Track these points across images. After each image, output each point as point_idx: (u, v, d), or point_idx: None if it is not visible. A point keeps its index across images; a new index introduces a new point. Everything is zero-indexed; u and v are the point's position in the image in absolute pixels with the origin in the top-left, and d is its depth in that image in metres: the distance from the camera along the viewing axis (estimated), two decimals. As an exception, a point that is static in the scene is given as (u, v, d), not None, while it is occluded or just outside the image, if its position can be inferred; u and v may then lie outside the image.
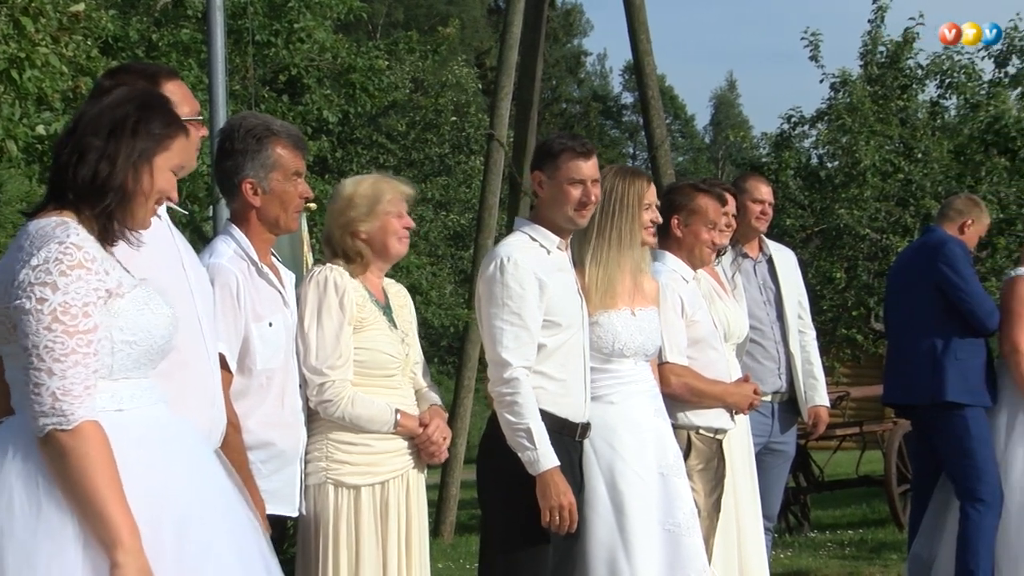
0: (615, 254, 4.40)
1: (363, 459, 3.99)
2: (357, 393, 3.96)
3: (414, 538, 4.06)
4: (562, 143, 4.26)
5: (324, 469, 3.95)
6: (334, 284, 3.99)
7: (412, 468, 4.09)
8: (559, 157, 4.22)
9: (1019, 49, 16.53)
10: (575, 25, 54.17)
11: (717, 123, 67.76)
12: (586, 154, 4.21)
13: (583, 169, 4.20)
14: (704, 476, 4.69)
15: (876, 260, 15.76)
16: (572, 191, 4.19)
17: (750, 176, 6.25)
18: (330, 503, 3.95)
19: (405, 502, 4.06)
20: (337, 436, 3.98)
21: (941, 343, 6.18)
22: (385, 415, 3.99)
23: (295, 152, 3.86)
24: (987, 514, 5.98)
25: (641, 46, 10.58)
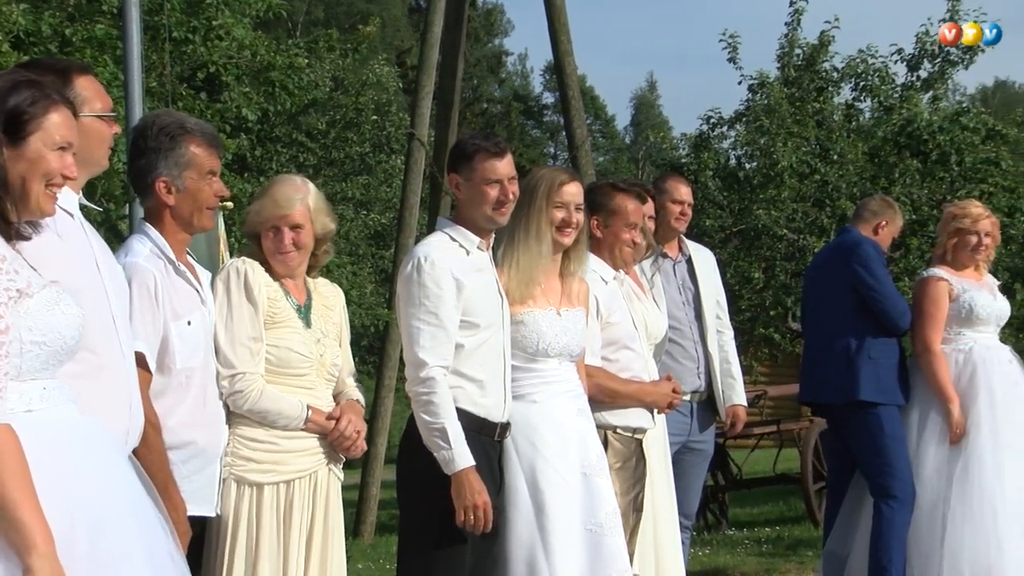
0: (523, 250, 4.41)
1: (268, 457, 3.97)
2: (268, 387, 3.94)
3: (317, 539, 4.03)
4: (475, 144, 4.26)
5: (229, 465, 3.93)
6: (244, 276, 3.98)
7: (322, 468, 4.07)
8: (474, 158, 4.22)
9: (930, 53, 16.83)
10: (496, 25, 54.21)
11: (637, 123, 68.17)
12: (500, 153, 4.22)
13: (499, 168, 4.20)
14: (621, 475, 4.71)
15: (793, 260, 15.95)
16: (489, 191, 4.20)
17: (669, 177, 6.29)
18: (231, 499, 3.93)
19: (311, 502, 4.03)
20: (244, 432, 3.96)
21: (855, 343, 6.26)
22: (296, 410, 3.98)
23: (210, 150, 3.83)
24: (900, 511, 6.07)
25: (562, 46, 10.61)
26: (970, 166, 16.01)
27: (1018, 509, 5.97)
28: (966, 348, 6.25)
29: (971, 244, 6.34)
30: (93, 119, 3.28)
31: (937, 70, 16.90)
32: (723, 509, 11.28)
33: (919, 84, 16.97)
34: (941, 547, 5.98)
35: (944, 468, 6.10)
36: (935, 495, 6.08)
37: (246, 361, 3.92)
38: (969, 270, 6.39)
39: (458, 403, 4.10)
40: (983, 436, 6.07)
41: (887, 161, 16.14)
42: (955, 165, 15.95)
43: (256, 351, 3.95)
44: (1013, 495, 5.97)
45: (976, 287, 6.33)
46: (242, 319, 3.93)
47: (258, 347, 3.95)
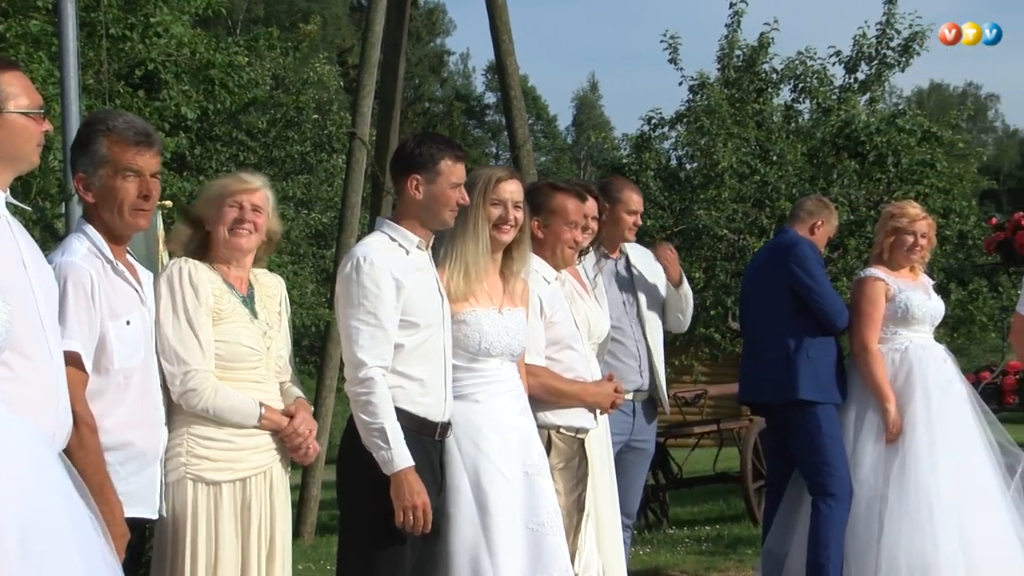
0: (463, 248, 4.41)
1: (224, 455, 3.95)
2: (221, 385, 3.92)
3: (277, 537, 4.01)
4: (441, 149, 4.26)
5: (184, 465, 3.90)
6: (188, 276, 3.95)
7: (276, 464, 4.05)
8: (439, 163, 4.22)
9: (868, 56, 17.02)
10: (438, 24, 54.12)
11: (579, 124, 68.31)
12: (464, 158, 4.27)
13: (462, 172, 4.26)
14: (564, 475, 4.71)
15: (733, 260, 16.06)
16: (453, 194, 4.22)
17: (625, 186, 6.23)
18: (188, 500, 3.90)
19: (268, 499, 4.01)
20: (198, 431, 3.92)
21: (793, 342, 6.31)
22: (250, 407, 3.96)
23: (130, 148, 3.76)
24: (837, 508, 6.12)
25: (503, 46, 10.60)
26: (906, 167, 16.20)
27: (953, 506, 6.03)
28: (902, 347, 6.31)
29: (907, 244, 6.40)
30: (19, 116, 3.22)
31: (874, 72, 17.10)
32: (663, 508, 11.32)
33: (856, 86, 17.16)
34: (878, 544, 6.04)
35: (881, 466, 6.16)
36: (872, 493, 6.13)
37: (198, 359, 3.89)
38: (905, 270, 6.46)
39: (398, 403, 4.09)
40: (919, 434, 6.13)
41: (825, 162, 16.30)
42: (892, 166, 16.13)
43: (207, 349, 3.92)
44: (948, 492, 6.04)
45: (912, 287, 6.40)
46: (191, 317, 3.91)
47: (208, 344, 3.92)
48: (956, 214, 16.55)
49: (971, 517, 6.03)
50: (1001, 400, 9.43)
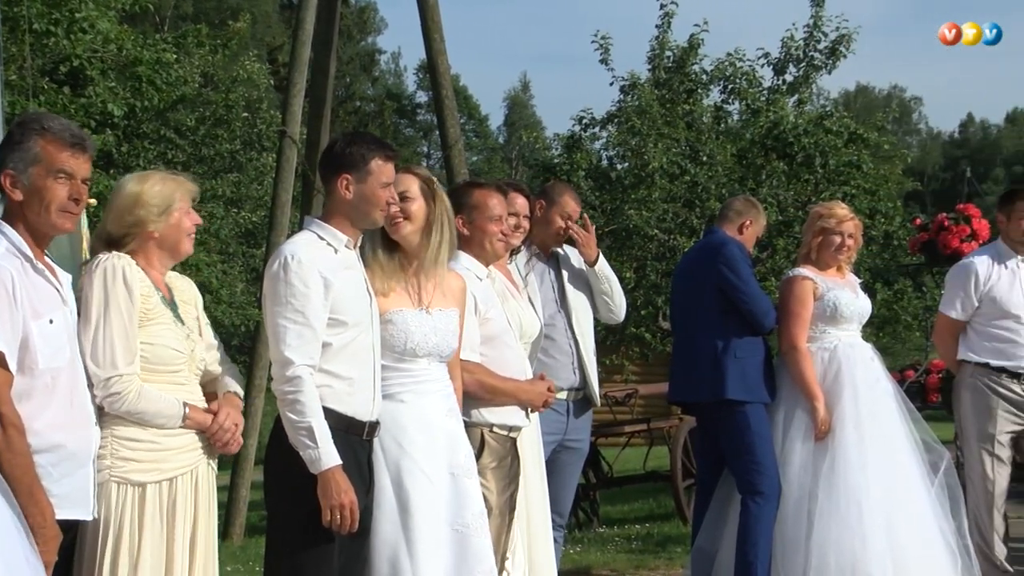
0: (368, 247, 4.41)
1: (150, 456, 3.90)
2: (144, 387, 3.87)
3: (200, 537, 3.97)
4: (371, 148, 4.24)
5: (108, 467, 3.85)
6: (123, 274, 3.89)
7: (202, 464, 4.02)
8: (370, 163, 4.20)
9: (795, 58, 17.19)
10: (369, 23, 53.92)
11: (511, 123, 68.37)
12: (394, 157, 4.26)
13: (391, 172, 4.24)
14: (497, 474, 4.71)
15: (664, 260, 16.15)
16: (383, 194, 4.21)
17: (566, 191, 6.24)
18: (113, 502, 3.85)
19: (193, 500, 3.97)
20: (122, 432, 3.88)
21: (722, 342, 6.35)
22: (173, 408, 3.93)
23: (65, 150, 3.72)
24: (766, 507, 6.17)
25: (435, 45, 10.58)
26: (834, 168, 16.39)
27: (882, 503, 6.10)
28: (831, 346, 6.38)
29: (835, 244, 6.47)
30: None
31: (802, 74, 17.29)
32: (594, 507, 11.36)
33: (785, 88, 17.33)
34: (808, 541, 6.09)
35: (810, 464, 6.21)
36: (802, 491, 6.18)
37: (122, 362, 3.84)
38: (832, 270, 6.53)
39: (326, 402, 4.07)
40: (848, 432, 6.19)
41: (754, 163, 16.44)
42: (819, 167, 16.31)
43: (133, 351, 3.87)
44: (877, 490, 6.11)
45: (840, 286, 6.46)
46: (119, 317, 3.85)
47: (135, 347, 3.88)
48: (882, 215, 16.77)
49: (898, 514, 6.11)
50: (925, 398, 9.58)
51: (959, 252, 8.90)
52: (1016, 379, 6.53)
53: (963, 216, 9.44)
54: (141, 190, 4.04)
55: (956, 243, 9.28)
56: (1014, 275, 6.62)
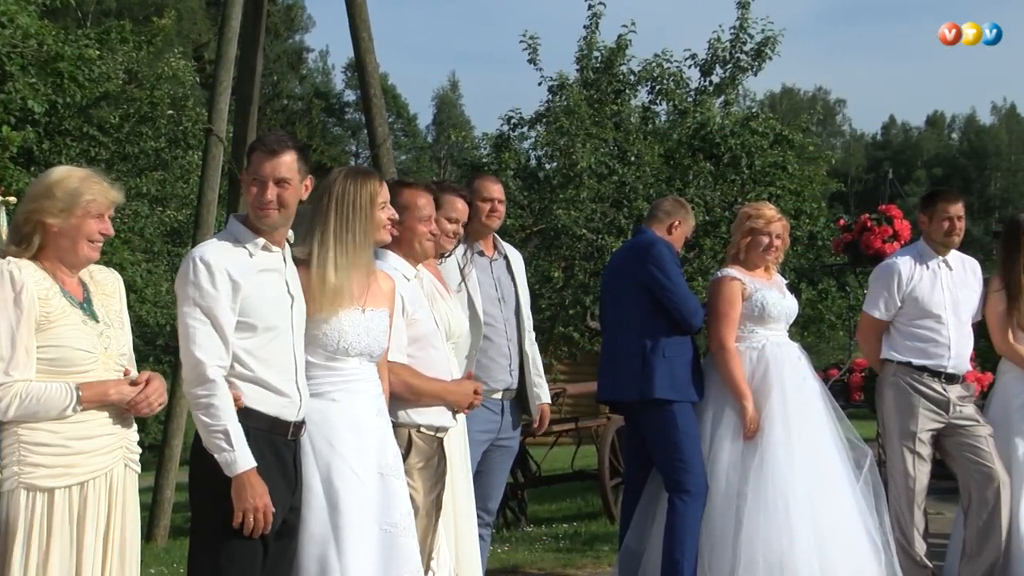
0: (352, 256, 4.36)
1: (59, 460, 3.83)
2: (29, 386, 3.79)
3: (114, 541, 3.91)
4: (258, 140, 4.23)
5: (16, 474, 3.78)
6: (10, 278, 3.81)
7: (118, 467, 3.95)
8: (252, 154, 4.18)
9: (722, 59, 17.34)
10: (296, 20, 53.55)
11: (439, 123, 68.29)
12: (273, 153, 4.16)
13: (265, 167, 4.15)
14: (424, 474, 4.70)
15: (592, 260, 16.20)
16: (252, 189, 4.16)
17: (478, 176, 6.30)
18: (20, 509, 3.79)
19: (107, 503, 3.91)
20: (30, 438, 3.81)
21: (650, 342, 6.38)
22: (62, 395, 3.82)
23: None
24: (692, 505, 6.21)
25: (363, 44, 10.53)
26: (759, 169, 16.54)
27: (808, 501, 6.16)
28: (759, 345, 6.43)
29: (763, 245, 6.53)
30: None
31: (728, 76, 17.43)
32: (522, 506, 11.37)
33: (712, 89, 17.46)
34: (736, 539, 6.13)
35: (739, 462, 6.26)
36: (730, 489, 6.23)
37: (10, 368, 3.77)
38: (760, 270, 6.58)
39: (249, 403, 4.05)
40: (776, 430, 6.24)
41: (682, 163, 16.55)
42: (746, 168, 16.45)
43: (21, 356, 3.79)
44: (803, 487, 6.17)
45: (767, 286, 6.52)
46: (5, 324, 3.77)
47: (24, 352, 3.79)
48: (807, 215, 16.95)
49: (824, 511, 6.18)
50: (848, 397, 9.68)
51: (881, 252, 9.00)
52: (937, 378, 6.62)
53: (885, 217, 9.55)
54: (55, 181, 3.97)
55: (878, 244, 9.38)
56: (935, 275, 6.72)
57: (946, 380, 6.63)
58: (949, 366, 6.63)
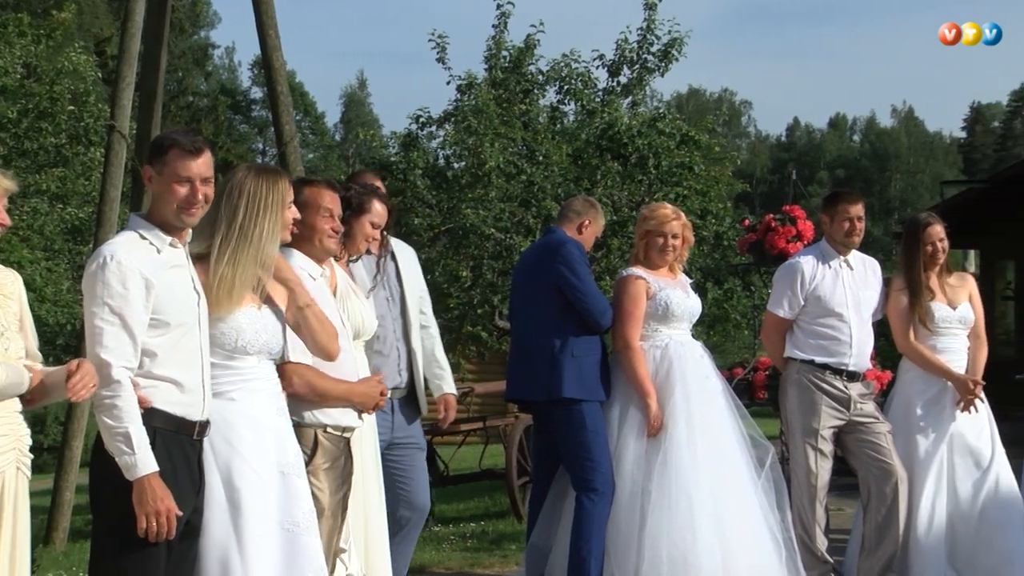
0: (256, 253, 4.31)
1: None
2: None
3: (3, 543, 3.84)
4: (172, 139, 4.13)
5: None
6: None
7: (9, 469, 3.88)
8: (167, 153, 4.10)
9: (629, 60, 17.45)
10: (202, 16, 52.92)
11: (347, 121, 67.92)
12: (195, 151, 4.11)
13: (191, 167, 4.09)
14: (330, 475, 4.67)
15: (500, 259, 16.20)
16: (179, 189, 4.09)
17: (363, 172, 6.26)
18: None
19: None
20: None
21: (559, 341, 6.40)
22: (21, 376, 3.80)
23: None
24: (600, 503, 6.24)
25: (270, 41, 10.43)
26: (666, 169, 16.65)
27: (711, 497, 6.23)
28: (662, 344, 6.48)
29: (659, 245, 6.58)
30: None
31: (636, 76, 17.55)
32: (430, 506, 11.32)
33: (619, 89, 17.56)
34: (640, 536, 6.18)
35: (643, 461, 6.31)
36: (634, 486, 6.28)
37: None
38: (664, 269, 6.64)
39: (155, 403, 3.99)
40: (679, 428, 6.30)
41: (590, 163, 16.61)
42: (653, 168, 16.56)
43: None
44: (706, 484, 6.24)
45: (671, 285, 6.58)
46: None
47: None
48: (713, 216, 17.11)
49: (726, 507, 6.25)
50: (752, 395, 9.78)
51: (785, 252, 9.11)
52: (839, 375, 6.74)
53: (789, 217, 9.66)
54: None
55: (782, 244, 9.49)
56: (837, 275, 6.83)
57: (848, 378, 6.74)
58: (851, 364, 6.75)
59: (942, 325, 6.91)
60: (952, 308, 6.95)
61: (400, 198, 16.30)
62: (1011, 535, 6.78)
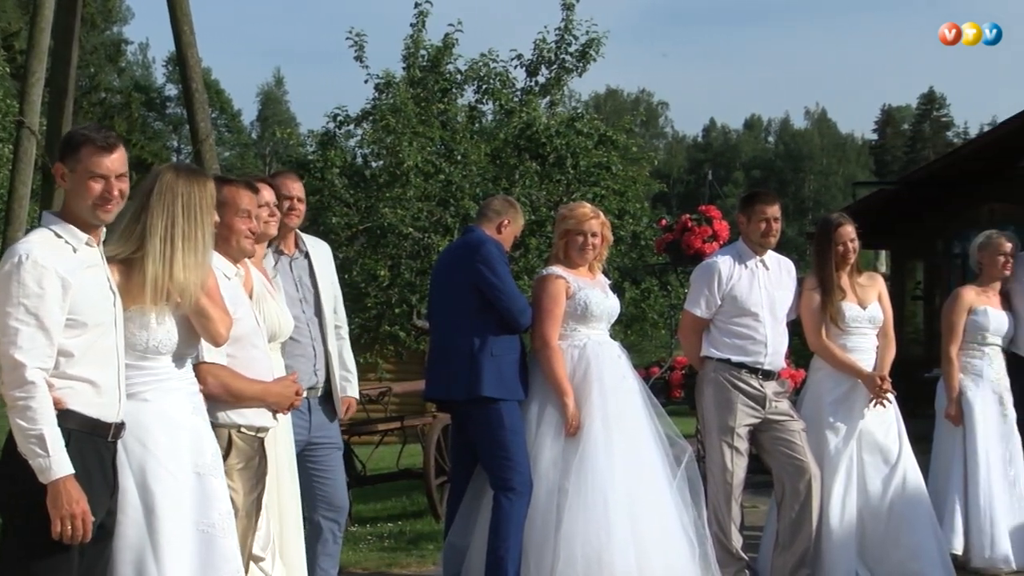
0: (181, 255, 4.25)
1: None
2: None
3: None
4: (84, 135, 4.07)
5: None
6: None
7: None
8: (80, 150, 4.03)
9: (548, 60, 17.52)
10: (114, 11, 52.17)
11: (264, 119, 67.38)
12: (108, 148, 4.05)
13: (104, 164, 4.03)
14: (244, 475, 4.63)
15: (419, 258, 16.19)
16: (94, 186, 4.02)
17: (278, 174, 6.21)
18: None
19: None
20: None
21: (478, 340, 6.40)
22: None
23: None
24: (517, 502, 6.25)
25: (184, 37, 10.29)
26: (584, 169, 16.75)
27: (627, 496, 6.26)
28: (580, 344, 6.51)
29: (578, 244, 6.61)
30: None
31: (554, 76, 17.63)
32: (347, 506, 11.27)
33: (537, 89, 17.63)
34: (557, 535, 6.20)
35: (560, 460, 6.33)
36: (551, 485, 6.29)
37: None
38: (583, 269, 6.66)
39: (70, 405, 3.92)
40: (597, 428, 6.33)
41: (508, 163, 16.66)
42: (571, 168, 16.65)
43: None
44: (622, 483, 6.27)
45: (590, 285, 6.61)
46: None
47: None
48: (630, 215, 17.25)
49: (642, 506, 6.28)
50: (669, 394, 9.86)
51: (701, 252, 9.19)
52: (754, 374, 6.81)
53: (705, 217, 9.75)
54: None
55: (699, 243, 9.57)
56: (753, 274, 6.90)
57: (763, 376, 6.82)
58: (766, 363, 6.83)
59: (852, 324, 7.02)
60: (862, 307, 7.06)
61: (318, 197, 16.21)
62: (918, 530, 6.91)
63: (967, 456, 7.56)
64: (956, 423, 7.61)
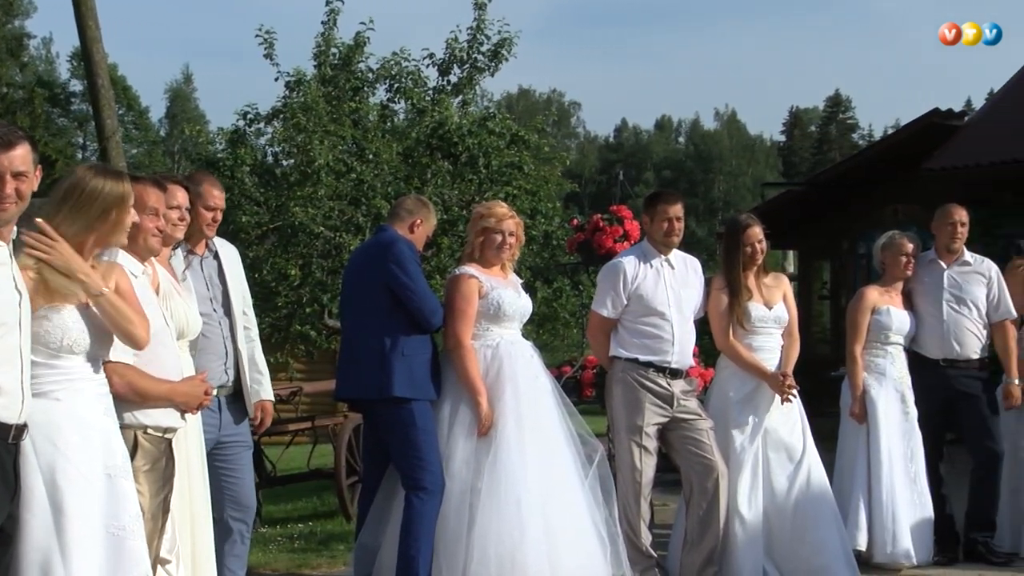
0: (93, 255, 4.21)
1: None
2: None
3: None
4: None
5: None
6: None
7: None
8: None
9: (460, 59, 17.51)
10: (16, 5, 51.18)
11: (173, 116, 66.56)
12: (6, 145, 3.96)
13: (0, 161, 3.94)
14: (150, 477, 4.57)
15: (330, 258, 16.09)
16: None
17: (205, 179, 6.15)
18: None
19: None
20: None
21: (389, 340, 6.39)
22: None
23: None
24: (429, 502, 6.25)
25: (89, 32, 10.18)
26: (496, 169, 16.77)
27: (540, 496, 6.29)
28: (493, 343, 6.52)
29: (496, 243, 6.63)
30: None
31: (466, 76, 17.62)
32: (257, 507, 11.18)
33: (450, 89, 17.61)
34: (469, 535, 6.20)
35: (473, 459, 6.33)
36: (464, 485, 6.30)
37: None
38: (496, 268, 6.68)
39: None
40: (510, 428, 6.34)
41: (420, 162, 16.62)
42: (483, 168, 16.65)
43: None
44: (535, 482, 6.29)
45: (503, 285, 6.63)
46: None
47: None
48: (542, 215, 17.28)
49: (554, 504, 6.31)
50: (580, 393, 9.92)
51: (613, 252, 9.26)
52: (662, 373, 6.88)
53: (616, 217, 9.83)
54: None
55: (610, 243, 9.65)
56: (659, 274, 6.98)
57: (670, 375, 6.90)
58: (673, 362, 6.90)
59: (758, 324, 7.13)
60: (768, 308, 7.18)
61: (227, 195, 16.04)
62: (822, 526, 7.04)
63: (870, 453, 7.70)
64: (860, 421, 7.75)
